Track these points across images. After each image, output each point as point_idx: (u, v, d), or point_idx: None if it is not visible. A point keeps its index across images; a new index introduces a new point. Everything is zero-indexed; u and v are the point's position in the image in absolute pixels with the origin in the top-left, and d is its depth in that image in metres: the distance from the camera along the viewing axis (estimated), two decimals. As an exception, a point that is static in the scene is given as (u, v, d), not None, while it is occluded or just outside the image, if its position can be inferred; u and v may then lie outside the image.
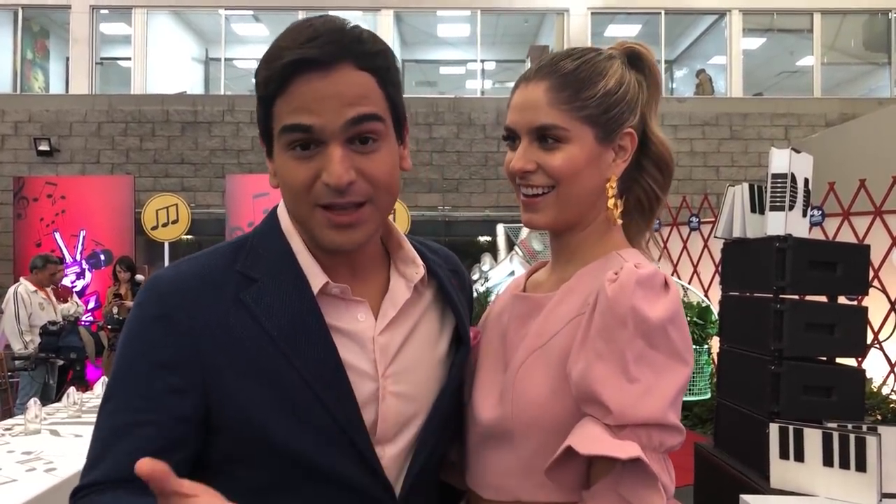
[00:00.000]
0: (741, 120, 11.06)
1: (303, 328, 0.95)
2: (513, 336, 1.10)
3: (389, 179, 0.98)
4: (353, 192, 0.94)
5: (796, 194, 3.03)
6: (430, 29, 13.70)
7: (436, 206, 11.02)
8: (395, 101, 1.00)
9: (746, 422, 3.17)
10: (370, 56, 0.94)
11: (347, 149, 0.93)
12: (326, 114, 0.91)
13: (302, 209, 0.96)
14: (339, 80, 0.91)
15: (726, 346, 3.54)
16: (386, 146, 0.97)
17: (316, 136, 0.92)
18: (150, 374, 0.92)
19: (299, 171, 0.93)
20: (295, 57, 0.90)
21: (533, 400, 1.00)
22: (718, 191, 3.40)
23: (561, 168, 1.05)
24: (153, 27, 12.15)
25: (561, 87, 1.06)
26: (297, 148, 0.93)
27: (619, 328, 0.93)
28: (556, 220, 1.09)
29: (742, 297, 3.47)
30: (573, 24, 11.79)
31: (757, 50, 12.99)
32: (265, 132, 0.98)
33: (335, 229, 0.95)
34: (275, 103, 0.93)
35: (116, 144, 10.93)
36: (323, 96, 0.91)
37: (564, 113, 1.05)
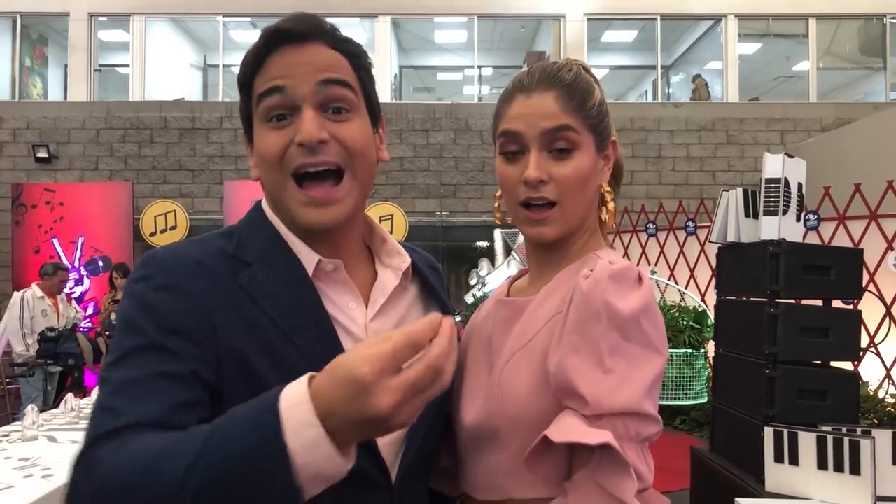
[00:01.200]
0: (737, 125, 11.10)
1: (302, 311, 0.96)
2: (498, 339, 1.12)
3: (364, 147, 0.99)
4: (325, 152, 0.96)
5: (790, 199, 3.05)
6: (428, 35, 13.74)
7: (433, 212, 11.04)
8: (367, 87, 1.03)
9: (741, 426, 3.18)
10: (342, 41, 1.00)
11: (320, 113, 0.96)
12: (299, 77, 0.94)
13: (276, 181, 0.97)
14: (312, 52, 0.96)
15: (721, 350, 3.56)
16: (358, 118, 1.00)
17: (290, 100, 0.95)
18: (161, 339, 0.88)
19: (274, 138, 0.96)
20: (273, 28, 0.96)
21: (517, 398, 1.02)
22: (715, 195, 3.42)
23: (570, 177, 1.08)
24: (151, 34, 12.18)
25: (569, 97, 1.09)
26: (273, 119, 0.96)
27: (594, 321, 0.95)
28: (563, 233, 1.11)
29: (737, 302, 3.49)
30: (570, 29, 11.83)
31: (753, 55, 13.03)
32: (246, 121, 1.01)
33: (312, 206, 0.96)
34: (254, 83, 0.97)
35: (115, 151, 10.94)
36: (296, 63, 0.95)
37: (576, 119, 1.09)
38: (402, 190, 10.99)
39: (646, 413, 0.94)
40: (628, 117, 11.01)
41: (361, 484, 0.96)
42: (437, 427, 1.10)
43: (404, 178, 11.04)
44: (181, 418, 0.82)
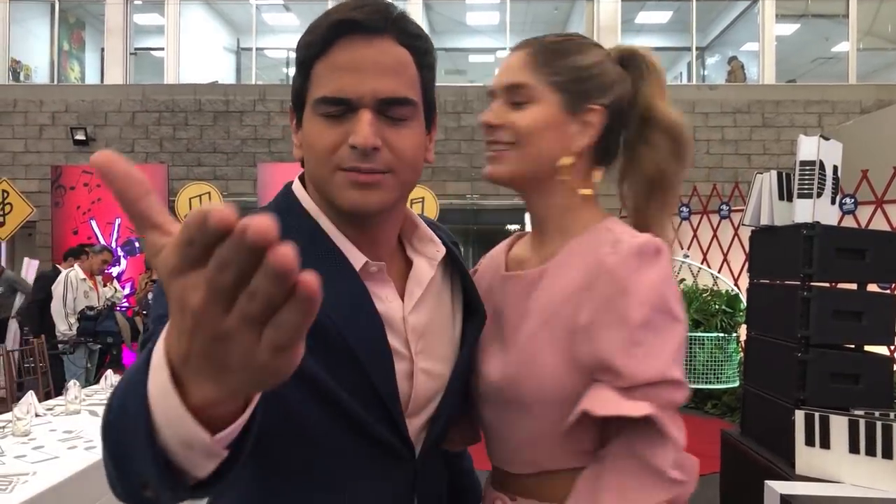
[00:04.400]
0: (774, 107, 10.92)
1: (353, 308, 0.96)
2: (511, 313, 1.13)
3: (414, 156, 0.99)
4: (376, 159, 0.95)
5: (825, 182, 3.02)
6: (459, 17, 13.68)
7: (464, 195, 11.05)
8: (428, 86, 1.02)
9: (773, 409, 3.18)
10: (412, 36, 0.98)
11: (377, 116, 0.94)
12: (363, 80, 0.92)
13: (323, 171, 0.96)
14: (380, 48, 0.94)
15: (753, 333, 3.55)
16: (415, 126, 0.99)
17: (350, 105, 0.93)
18: None
19: (327, 134, 0.95)
20: (341, 17, 0.93)
21: (547, 374, 1.04)
22: (749, 179, 3.39)
23: (524, 126, 1.11)
24: (186, 18, 12.30)
25: (537, 54, 1.14)
26: (327, 114, 0.95)
27: (621, 296, 0.99)
28: (514, 175, 1.14)
29: (770, 285, 3.47)
30: (603, 10, 11.71)
31: (791, 36, 12.79)
32: (298, 100, 0.99)
33: (355, 188, 0.95)
34: (314, 65, 0.95)
35: (150, 133, 11.11)
36: (362, 61, 0.93)
37: (534, 75, 1.12)
38: (434, 173, 11.01)
39: (676, 379, 0.98)
40: (662, 100, 10.88)
41: (389, 455, 1.01)
42: (457, 409, 1.13)
43: (435, 160, 10.98)
44: None
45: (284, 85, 12.96)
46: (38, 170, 11.03)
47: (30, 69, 12.57)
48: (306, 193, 1.03)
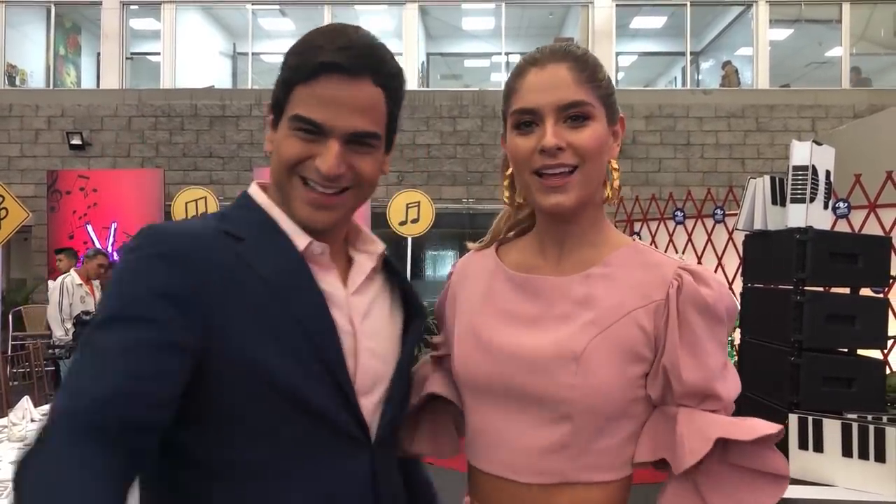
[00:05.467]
0: (767, 112, 10.96)
1: (295, 280, 1.04)
2: (537, 316, 1.11)
3: (373, 177, 1.10)
4: (339, 182, 1.06)
5: (817, 186, 3.05)
6: (455, 22, 13.71)
7: (460, 199, 11.06)
8: (394, 117, 1.13)
9: (766, 412, 3.20)
10: (388, 76, 1.08)
11: (345, 147, 1.05)
12: (338, 115, 1.03)
13: (285, 177, 1.07)
14: (358, 89, 1.04)
15: (747, 337, 3.57)
16: (377, 153, 1.10)
17: (321, 130, 1.04)
18: (150, 301, 0.92)
19: (297, 147, 1.04)
20: (329, 59, 1.02)
21: (601, 385, 1.04)
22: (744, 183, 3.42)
23: (589, 144, 1.07)
24: (182, 22, 12.30)
25: (581, 68, 1.09)
26: (301, 130, 1.04)
27: (720, 325, 1.06)
28: (580, 201, 1.09)
29: (763, 289, 3.49)
30: (598, 16, 11.74)
31: (784, 41, 12.84)
32: (277, 107, 1.08)
33: (313, 207, 1.06)
34: (296, 88, 1.04)
35: (146, 138, 11.10)
36: (340, 99, 1.03)
37: (589, 91, 1.08)
38: (429, 177, 11.03)
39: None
40: (657, 104, 10.92)
41: (347, 441, 1.04)
42: (404, 401, 1.17)
43: (431, 165, 11.07)
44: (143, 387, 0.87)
45: (280, 89, 12.97)
46: (33, 174, 11.01)
47: (25, 73, 12.56)
48: (262, 192, 1.13)
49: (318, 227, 1.07)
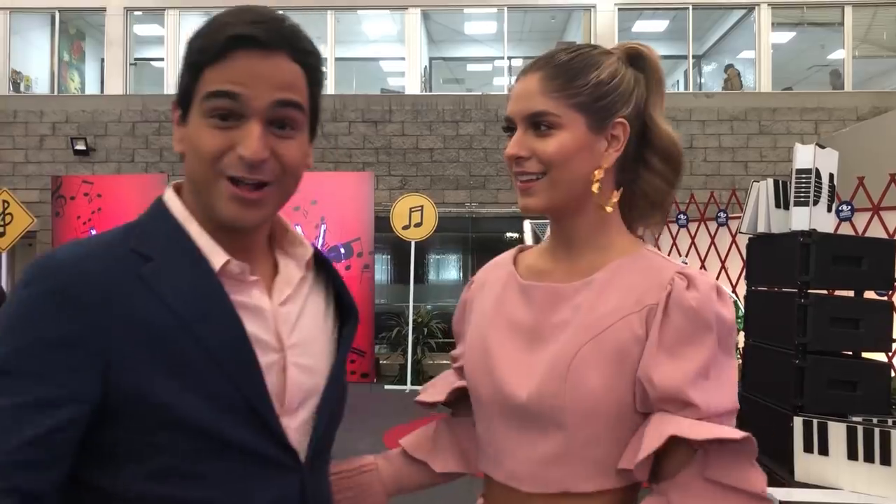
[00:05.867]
0: (770, 115, 10.97)
1: (207, 304, 0.94)
2: (539, 324, 1.12)
3: (298, 166, 1.01)
4: (263, 171, 0.96)
5: (821, 189, 3.05)
6: (458, 26, 13.74)
7: (463, 203, 11.08)
8: (316, 101, 1.04)
9: (771, 416, 3.20)
10: (305, 52, 0.99)
11: (266, 128, 0.95)
12: (256, 89, 0.93)
13: (206, 176, 0.96)
14: (275, 64, 0.95)
15: (751, 340, 3.57)
16: (300, 136, 1.01)
17: (240, 108, 0.94)
18: (41, 353, 0.85)
19: (214, 139, 0.94)
20: (240, 32, 0.93)
21: (590, 392, 1.03)
22: (747, 186, 3.43)
23: (552, 154, 1.08)
24: (185, 28, 12.34)
25: (553, 77, 1.10)
26: (216, 117, 0.94)
27: (706, 332, 1.02)
28: (549, 204, 1.12)
29: (767, 293, 3.49)
30: (600, 20, 11.77)
31: (787, 44, 12.85)
32: (184, 98, 0.98)
33: (237, 203, 0.96)
34: (205, 71, 0.95)
35: (150, 143, 11.14)
36: (257, 73, 0.94)
37: (556, 100, 1.09)
38: (432, 181, 11.05)
39: (737, 409, 1.03)
40: (659, 108, 10.93)
41: (273, 468, 0.97)
42: (338, 408, 1.12)
43: (434, 169, 11.09)
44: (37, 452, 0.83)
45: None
46: (38, 180, 11.06)
47: (30, 80, 12.61)
48: (178, 199, 1.02)
49: (246, 225, 0.98)
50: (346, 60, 13.59)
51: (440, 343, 10.43)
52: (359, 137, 11.18)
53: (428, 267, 13.06)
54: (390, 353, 10.54)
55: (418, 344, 10.00)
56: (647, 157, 1.15)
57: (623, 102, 1.11)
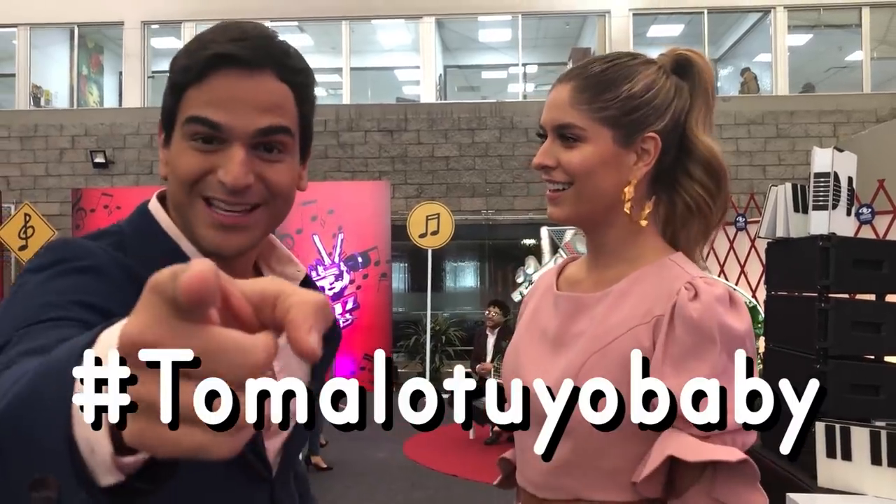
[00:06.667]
0: (788, 118, 10.91)
1: None
2: (560, 333, 1.13)
3: (288, 190, 0.96)
4: (247, 195, 0.91)
5: (839, 193, 3.03)
6: (472, 34, 13.79)
7: (479, 211, 11.09)
8: (307, 121, 0.99)
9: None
10: (293, 71, 0.94)
11: (251, 153, 0.90)
12: (238, 115, 0.88)
13: (185, 199, 0.91)
14: (259, 84, 0.90)
15: (772, 345, 3.54)
16: (289, 160, 0.95)
17: (222, 134, 0.89)
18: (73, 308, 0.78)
19: (195, 161, 0.90)
20: (221, 51, 0.88)
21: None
22: (765, 190, 3.42)
23: (576, 167, 1.09)
24: (202, 40, 12.47)
25: (583, 89, 1.10)
26: (198, 140, 0.89)
27: (710, 344, 0.99)
28: (574, 215, 1.12)
29: (787, 297, 3.47)
30: (615, 25, 11.76)
31: (804, 46, 12.78)
32: (168, 119, 0.94)
33: (217, 229, 0.91)
34: (187, 91, 0.90)
35: (168, 155, 11.25)
36: (239, 96, 0.88)
37: (583, 113, 1.09)
38: (448, 189, 11.07)
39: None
40: (675, 112, 10.90)
41: (249, 477, 0.99)
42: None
43: (450, 177, 11.11)
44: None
45: (299, 105, 13.09)
46: (58, 193, 11.19)
47: (50, 94, 12.78)
48: (166, 214, 0.97)
49: (228, 252, 0.92)
50: (362, 70, 13.68)
51: (458, 351, 10.44)
52: (375, 146, 11.22)
53: (445, 275, 13.08)
54: (408, 361, 10.56)
55: (436, 352, 10.02)
56: (689, 167, 1.13)
57: (657, 116, 1.10)
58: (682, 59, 1.14)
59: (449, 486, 5.59)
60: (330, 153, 11.21)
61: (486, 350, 7.26)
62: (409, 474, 5.91)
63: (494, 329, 7.32)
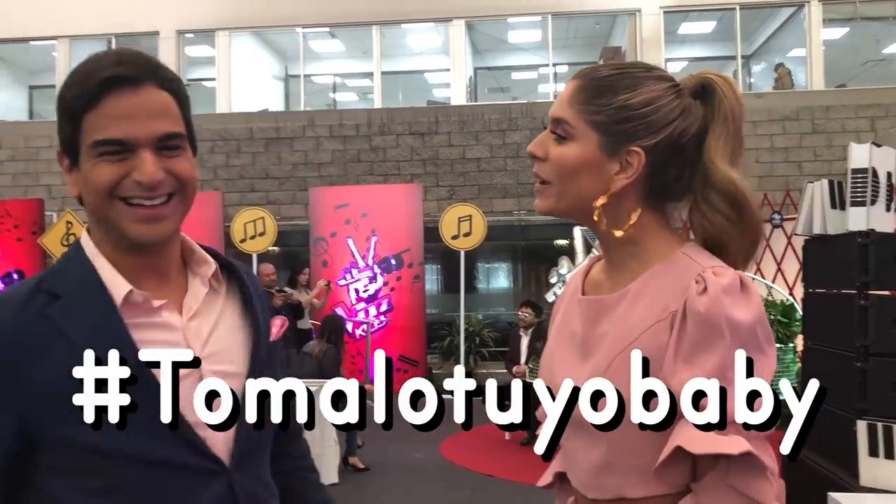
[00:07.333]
0: (823, 113, 10.74)
1: (106, 338, 1.01)
2: (586, 336, 1.15)
3: (192, 177, 1.10)
4: (161, 188, 1.05)
5: (878, 189, 3.00)
6: (502, 35, 13.80)
7: (511, 211, 11.09)
8: (189, 119, 1.13)
9: (833, 420, 3.14)
10: (169, 80, 1.08)
11: (156, 153, 1.04)
12: (136, 126, 1.03)
13: (105, 204, 1.05)
14: (146, 96, 1.04)
15: (811, 343, 3.52)
16: (186, 153, 1.10)
17: (127, 146, 1.03)
18: None
19: (109, 171, 1.03)
20: (109, 74, 1.02)
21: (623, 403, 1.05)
22: (801, 187, 3.39)
23: (558, 163, 1.11)
24: (235, 48, 12.65)
25: (583, 89, 1.11)
26: (107, 155, 1.03)
27: (718, 338, 0.99)
28: (555, 209, 1.15)
29: (825, 294, 3.44)
30: (645, 23, 11.69)
31: (839, 40, 12.58)
32: (70, 145, 1.06)
33: (142, 223, 1.05)
34: (84, 117, 1.03)
35: (204, 162, 11.42)
36: (133, 109, 1.02)
37: (576, 112, 1.10)
38: (480, 191, 11.09)
39: None
40: (708, 110, 10.79)
41: (199, 475, 1.06)
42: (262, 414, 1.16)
43: (482, 178, 11.14)
44: None
45: (332, 110, 13.22)
46: (98, 200, 11.42)
47: (89, 104, 13.04)
48: (90, 240, 1.11)
49: (156, 241, 1.07)
50: (393, 74, 13.76)
51: (492, 352, 10.45)
52: (406, 150, 11.29)
53: (478, 276, 13.10)
54: (442, 362, 10.59)
55: (470, 353, 10.03)
56: (709, 195, 1.11)
57: (649, 131, 1.08)
58: (707, 82, 1.13)
59: (485, 487, 5.60)
60: (362, 157, 11.30)
61: (520, 351, 7.27)
62: (445, 474, 5.94)
63: (527, 330, 7.32)
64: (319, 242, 10.22)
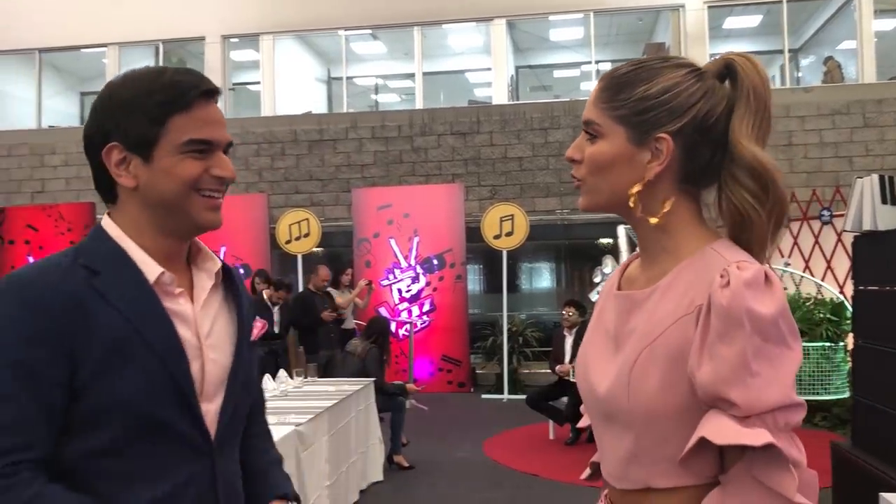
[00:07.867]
0: (875, 106, 10.47)
1: (147, 308, 1.20)
2: (618, 331, 1.18)
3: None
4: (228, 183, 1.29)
5: (931, 183, 2.93)
6: (543, 34, 13.74)
7: (554, 210, 11.05)
8: None
9: (886, 419, 3.08)
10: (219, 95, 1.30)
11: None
12: (218, 130, 1.25)
13: (183, 196, 1.22)
14: (219, 109, 1.28)
15: (862, 342, 3.45)
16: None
17: (211, 146, 1.24)
18: (19, 348, 1.11)
19: (195, 167, 1.22)
20: (206, 87, 1.24)
21: (650, 395, 1.08)
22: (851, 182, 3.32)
23: (591, 161, 1.17)
24: (279, 52, 12.83)
25: (605, 88, 1.17)
26: (195, 152, 1.22)
27: (738, 329, 1.00)
28: (594, 205, 1.20)
29: (878, 292, 3.37)
30: (689, 19, 11.54)
31: (891, 31, 12.25)
32: (145, 143, 1.21)
33: (213, 211, 1.26)
34: (172, 118, 1.21)
35: (250, 165, 11.61)
36: (217, 116, 1.26)
37: (602, 111, 1.16)
38: (522, 190, 11.07)
39: (794, 402, 1.01)
40: (755, 105, 10.60)
41: (188, 447, 1.22)
42: (242, 401, 1.34)
43: (524, 177, 11.11)
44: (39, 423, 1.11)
45: (375, 111, 13.32)
46: (148, 203, 11.67)
47: (138, 109, 13.34)
48: (115, 225, 1.26)
49: (217, 226, 1.28)
50: (434, 74, 13.82)
51: (535, 352, 10.42)
52: (448, 150, 11.32)
53: (521, 276, 13.08)
54: (486, 362, 10.60)
55: (514, 353, 10.02)
56: (735, 171, 1.12)
57: (672, 117, 1.11)
58: (729, 62, 1.16)
59: (529, 486, 5.60)
60: (404, 157, 11.37)
61: (564, 351, 7.23)
62: (489, 473, 5.95)
63: (572, 329, 7.28)
64: (363, 243, 10.32)
